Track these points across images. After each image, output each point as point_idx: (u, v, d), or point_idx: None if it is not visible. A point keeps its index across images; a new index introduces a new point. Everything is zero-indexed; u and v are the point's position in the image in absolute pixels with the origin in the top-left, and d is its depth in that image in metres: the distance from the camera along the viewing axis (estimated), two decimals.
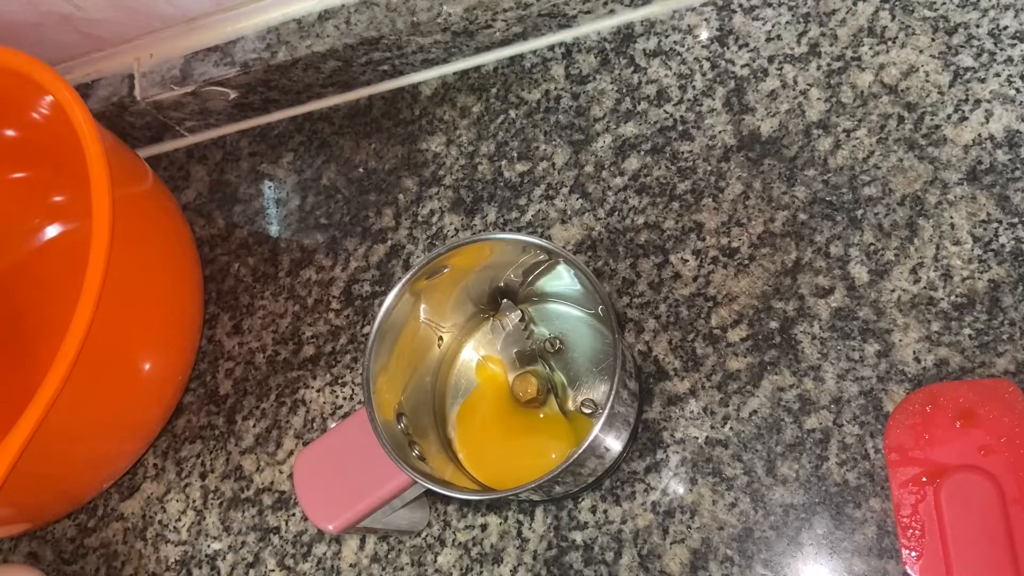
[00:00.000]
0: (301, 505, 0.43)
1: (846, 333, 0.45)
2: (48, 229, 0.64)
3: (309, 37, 0.58)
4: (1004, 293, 0.44)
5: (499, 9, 0.55)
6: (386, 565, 0.50)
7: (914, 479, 0.42)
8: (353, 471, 0.42)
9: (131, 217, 0.49)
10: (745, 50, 0.53)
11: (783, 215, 0.49)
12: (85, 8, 0.58)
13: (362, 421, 0.43)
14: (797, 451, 0.44)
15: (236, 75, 0.60)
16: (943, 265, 0.45)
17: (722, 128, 0.52)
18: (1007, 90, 0.47)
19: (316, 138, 0.63)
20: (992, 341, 0.43)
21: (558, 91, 0.56)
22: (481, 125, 0.58)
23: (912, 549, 0.41)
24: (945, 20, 0.49)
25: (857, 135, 0.49)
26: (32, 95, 0.51)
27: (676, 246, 0.50)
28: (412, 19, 0.56)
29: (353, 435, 0.44)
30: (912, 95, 0.48)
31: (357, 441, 0.43)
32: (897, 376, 0.44)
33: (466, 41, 0.58)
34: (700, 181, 0.51)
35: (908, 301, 0.45)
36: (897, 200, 0.47)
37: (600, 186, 0.53)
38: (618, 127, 0.54)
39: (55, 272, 0.63)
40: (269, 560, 0.53)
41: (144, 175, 0.55)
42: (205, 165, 0.66)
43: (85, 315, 0.43)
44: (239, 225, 0.63)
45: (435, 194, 0.57)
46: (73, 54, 0.63)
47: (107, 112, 0.63)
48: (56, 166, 0.58)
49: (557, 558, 0.47)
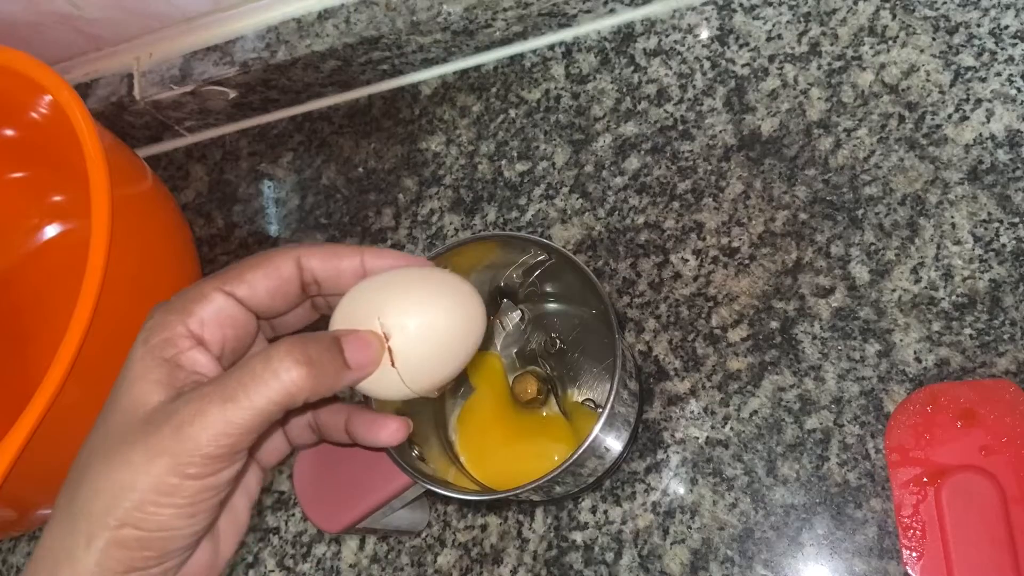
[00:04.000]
0: (301, 505, 0.43)
1: (847, 333, 0.45)
2: (47, 229, 0.64)
3: (309, 36, 0.58)
4: (1005, 293, 0.44)
5: (499, 8, 0.55)
6: (386, 565, 0.50)
7: (915, 479, 0.42)
8: (353, 472, 0.42)
9: (130, 217, 0.49)
10: (746, 49, 0.53)
11: (784, 215, 0.49)
12: (84, 8, 0.58)
13: None
14: (798, 451, 0.44)
15: (235, 75, 0.60)
16: (944, 265, 0.45)
17: (723, 127, 0.52)
18: (1008, 89, 0.47)
19: (316, 138, 0.63)
20: (993, 341, 0.43)
21: (558, 90, 0.56)
22: (481, 125, 0.58)
23: (913, 549, 0.41)
24: (946, 19, 0.49)
25: (858, 135, 0.49)
26: (31, 95, 0.51)
27: (676, 246, 0.50)
28: (412, 18, 0.55)
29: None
30: (913, 94, 0.48)
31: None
32: (898, 376, 0.44)
33: (466, 40, 0.57)
34: (700, 181, 0.51)
35: (909, 301, 0.45)
36: (898, 200, 0.47)
37: (600, 186, 0.53)
38: (618, 127, 0.54)
39: (54, 272, 0.63)
40: (268, 560, 0.53)
41: (143, 175, 0.55)
42: (204, 165, 0.66)
43: (84, 315, 0.43)
44: (239, 225, 0.63)
45: (435, 194, 0.57)
46: (72, 53, 0.63)
47: (106, 112, 0.63)
48: (55, 166, 0.58)
49: (557, 558, 0.47)
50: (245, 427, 0.27)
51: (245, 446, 0.27)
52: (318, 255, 0.31)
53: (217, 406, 0.26)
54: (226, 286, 0.30)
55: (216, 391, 0.27)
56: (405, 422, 0.33)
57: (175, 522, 0.27)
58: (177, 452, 0.26)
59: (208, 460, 0.27)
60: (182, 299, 0.29)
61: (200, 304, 0.29)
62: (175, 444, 0.26)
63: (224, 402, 0.27)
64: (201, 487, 0.27)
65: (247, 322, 0.30)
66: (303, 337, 0.28)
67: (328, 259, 0.31)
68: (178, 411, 0.27)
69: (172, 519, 0.27)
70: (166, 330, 0.29)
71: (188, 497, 0.27)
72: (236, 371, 0.27)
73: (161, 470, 0.26)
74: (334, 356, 0.29)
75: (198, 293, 0.29)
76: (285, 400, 0.27)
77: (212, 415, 0.26)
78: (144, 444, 0.26)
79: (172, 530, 0.27)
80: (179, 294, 0.30)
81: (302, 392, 0.27)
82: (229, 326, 0.30)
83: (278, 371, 0.27)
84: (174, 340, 0.29)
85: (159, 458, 0.26)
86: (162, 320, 0.29)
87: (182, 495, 0.27)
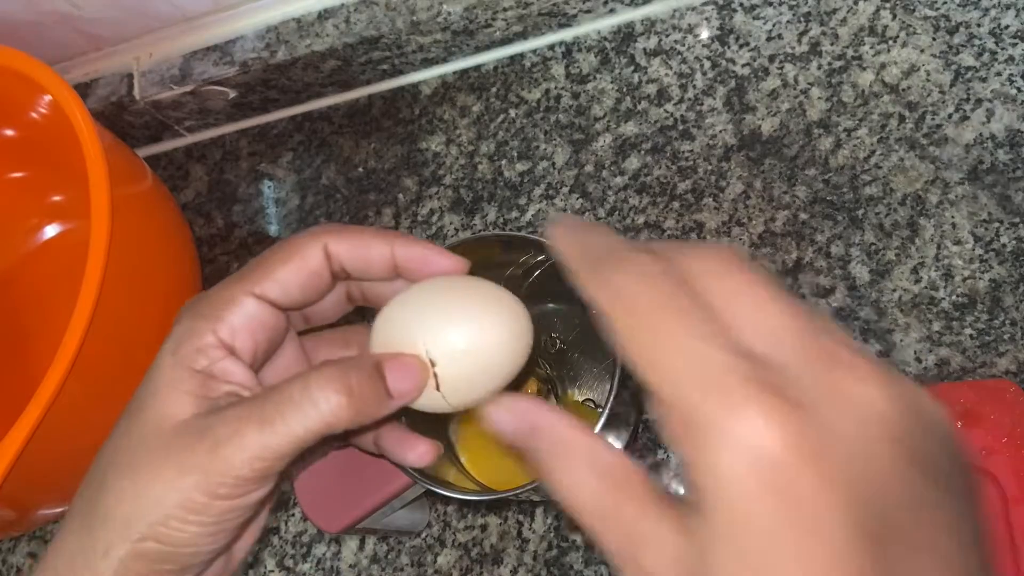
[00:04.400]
0: (301, 505, 0.42)
1: (847, 333, 0.45)
2: (47, 229, 0.64)
3: (308, 36, 0.58)
4: (1005, 293, 0.44)
5: (499, 8, 0.55)
6: (386, 566, 0.50)
7: None
8: (353, 471, 0.42)
9: (130, 217, 0.49)
10: (746, 49, 0.53)
11: (784, 215, 0.49)
12: (84, 7, 0.58)
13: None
14: None
15: (235, 74, 0.60)
16: (944, 265, 0.45)
17: (723, 127, 0.51)
18: (1008, 89, 0.47)
19: (315, 137, 0.63)
20: (993, 341, 0.43)
21: (558, 90, 0.56)
22: (481, 124, 0.58)
23: None
24: (946, 19, 0.49)
25: (858, 134, 0.49)
26: (31, 94, 0.51)
27: None
28: (412, 18, 0.55)
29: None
30: (913, 94, 0.48)
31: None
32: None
33: (466, 40, 0.57)
34: (701, 181, 0.51)
35: (909, 301, 0.45)
36: (898, 200, 0.47)
37: (600, 185, 0.53)
38: (618, 126, 0.54)
39: (54, 272, 0.63)
40: (268, 561, 0.53)
41: (143, 175, 0.55)
42: (204, 164, 0.66)
43: (84, 315, 0.43)
44: (238, 225, 0.63)
45: (435, 194, 0.57)
46: (72, 53, 0.63)
47: (106, 111, 0.63)
48: (55, 166, 0.58)
49: (557, 559, 0.47)
50: (280, 452, 0.26)
51: (278, 470, 0.27)
52: (346, 243, 0.30)
53: (255, 429, 0.26)
54: (256, 288, 0.29)
55: (254, 413, 0.26)
56: (435, 446, 0.32)
57: (198, 540, 0.27)
58: (209, 471, 0.26)
59: (240, 482, 0.26)
60: (211, 304, 0.29)
61: (230, 310, 0.28)
62: (208, 463, 0.26)
63: (262, 425, 0.26)
64: (229, 507, 0.27)
65: (277, 323, 0.30)
66: (344, 365, 0.27)
67: (356, 248, 0.30)
68: (213, 429, 0.26)
69: (196, 537, 0.27)
70: (197, 338, 0.28)
71: (215, 516, 0.27)
72: (275, 394, 0.27)
73: (191, 487, 0.26)
74: (375, 385, 0.28)
75: (227, 298, 0.29)
76: (323, 429, 0.27)
77: (249, 437, 0.26)
78: (176, 460, 0.26)
79: (194, 547, 0.27)
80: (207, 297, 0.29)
81: (340, 422, 0.27)
82: (260, 330, 0.29)
83: (317, 401, 0.26)
84: (205, 350, 0.28)
85: (190, 475, 0.26)
86: (191, 327, 0.28)
87: (209, 514, 0.26)
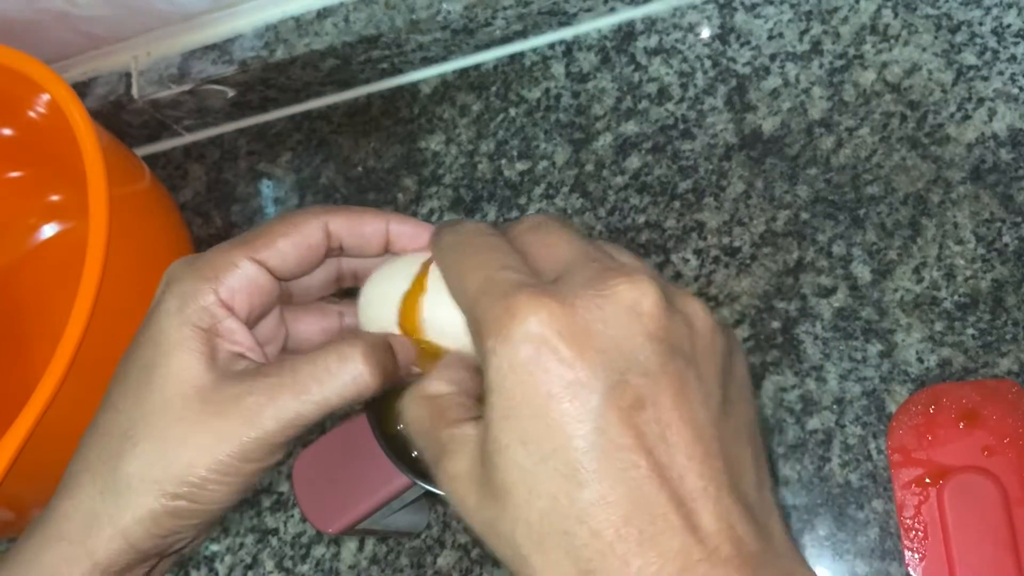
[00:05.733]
0: (300, 506, 0.42)
1: (848, 333, 0.45)
2: (45, 228, 0.64)
3: (307, 35, 0.58)
4: (1008, 293, 0.44)
5: (499, 7, 0.54)
6: (385, 567, 0.50)
7: (917, 480, 0.42)
8: (352, 472, 0.42)
9: (128, 216, 0.49)
10: (747, 48, 0.52)
11: (785, 214, 0.48)
12: (82, 6, 0.58)
13: (362, 423, 0.43)
14: (799, 452, 0.44)
15: (234, 73, 0.60)
16: (946, 265, 0.45)
17: (724, 126, 0.51)
18: (1010, 88, 0.47)
19: (315, 137, 0.62)
20: (995, 341, 0.43)
21: (558, 89, 0.56)
22: (481, 124, 0.58)
23: (915, 551, 0.41)
24: (948, 18, 0.49)
25: (860, 134, 0.48)
26: (29, 93, 0.50)
27: (677, 245, 0.50)
28: (411, 17, 0.55)
29: (353, 437, 0.43)
30: (915, 93, 0.48)
31: (356, 443, 0.43)
32: (900, 376, 0.44)
33: (466, 39, 0.57)
34: (701, 180, 0.51)
35: (911, 301, 0.45)
36: (900, 199, 0.47)
37: (601, 185, 0.53)
38: (619, 126, 0.54)
39: (52, 271, 0.63)
40: (268, 562, 0.52)
41: (141, 174, 0.55)
42: (203, 164, 0.65)
43: (82, 315, 0.43)
44: (237, 224, 0.62)
45: (435, 193, 0.57)
46: (70, 52, 0.63)
47: (104, 110, 0.63)
48: (53, 165, 0.58)
49: None
50: (312, 419, 0.28)
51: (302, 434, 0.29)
52: (345, 220, 0.31)
53: (290, 397, 0.28)
54: (257, 255, 0.30)
55: (286, 382, 0.28)
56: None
57: (227, 498, 0.29)
58: (245, 440, 0.28)
59: (272, 448, 0.28)
60: (211, 266, 0.30)
61: (231, 273, 0.29)
62: (245, 431, 0.28)
63: (297, 394, 0.28)
64: (256, 469, 0.29)
65: (272, 289, 0.31)
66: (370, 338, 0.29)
67: (355, 225, 0.31)
68: (245, 398, 0.28)
69: (226, 496, 0.29)
70: (201, 297, 0.29)
71: (244, 477, 0.29)
72: (306, 364, 0.28)
73: (225, 454, 0.28)
74: (393, 358, 0.30)
75: (228, 261, 0.30)
76: (355, 397, 0.29)
77: (286, 406, 0.28)
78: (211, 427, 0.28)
79: (222, 504, 0.29)
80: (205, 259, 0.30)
81: (369, 390, 0.29)
82: (256, 295, 0.30)
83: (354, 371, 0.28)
84: (209, 309, 0.29)
85: (226, 443, 0.28)
86: (195, 288, 0.29)
87: (239, 475, 0.28)
